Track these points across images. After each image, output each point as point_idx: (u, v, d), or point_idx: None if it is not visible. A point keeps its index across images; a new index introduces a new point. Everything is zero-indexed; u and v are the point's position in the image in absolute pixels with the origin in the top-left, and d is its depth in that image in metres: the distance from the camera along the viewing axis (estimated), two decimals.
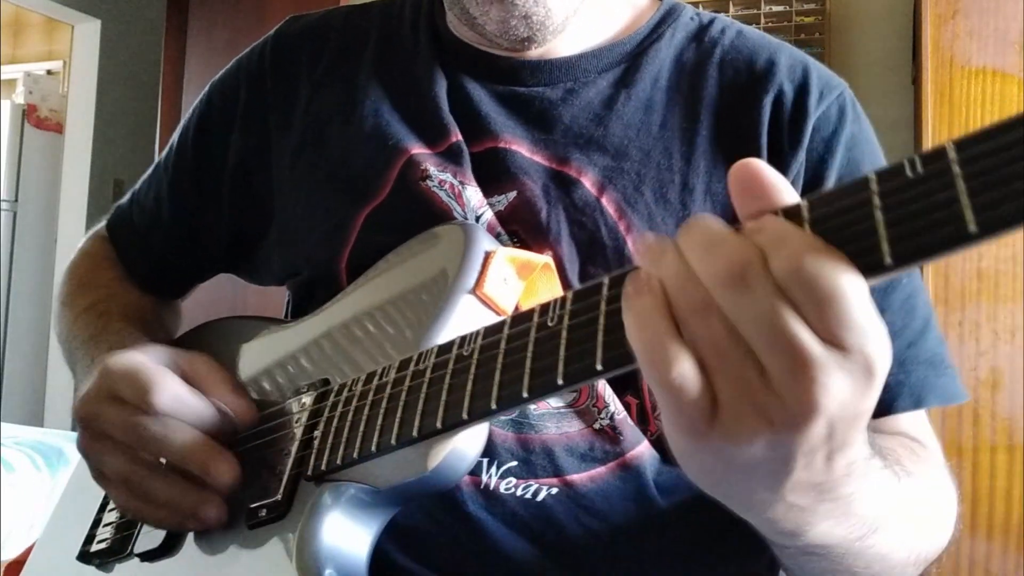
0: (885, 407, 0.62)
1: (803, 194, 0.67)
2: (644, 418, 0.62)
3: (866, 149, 0.67)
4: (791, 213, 0.34)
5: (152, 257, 0.84)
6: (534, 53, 0.68)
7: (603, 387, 0.61)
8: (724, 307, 0.33)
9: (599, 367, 0.38)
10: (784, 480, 0.36)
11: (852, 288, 0.31)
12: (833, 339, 0.32)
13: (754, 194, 0.35)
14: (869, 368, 0.33)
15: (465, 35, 0.71)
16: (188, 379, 0.60)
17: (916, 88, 2.24)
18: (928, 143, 2.02)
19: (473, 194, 0.65)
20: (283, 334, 0.68)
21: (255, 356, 0.69)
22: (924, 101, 2.01)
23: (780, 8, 2.51)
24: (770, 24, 2.50)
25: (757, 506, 0.40)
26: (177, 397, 0.56)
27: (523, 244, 0.64)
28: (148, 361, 0.59)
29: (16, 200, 4.39)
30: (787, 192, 0.35)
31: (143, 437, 0.56)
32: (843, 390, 0.33)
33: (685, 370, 0.33)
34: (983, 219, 0.28)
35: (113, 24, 4.10)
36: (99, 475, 0.60)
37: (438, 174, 0.66)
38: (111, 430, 0.57)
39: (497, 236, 0.63)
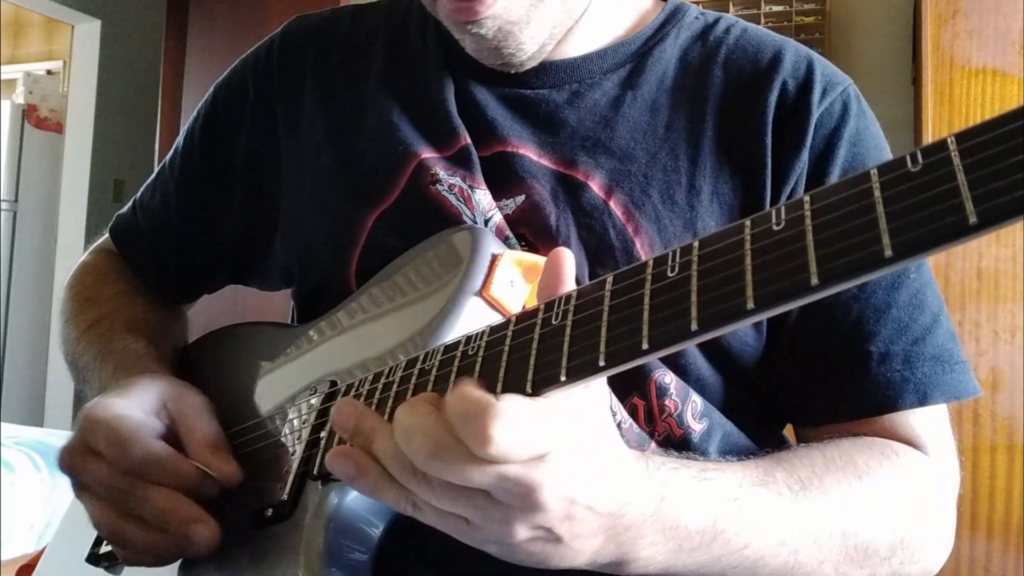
0: (890, 404, 0.61)
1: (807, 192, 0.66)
2: (651, 419, 0.62)
3: (871, 145, 0.66)
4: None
5: (161, 260, 0.83)
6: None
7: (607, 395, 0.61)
8: (432, 473, 0.41)
9: (602, 363, 0.38)
10: (568, 544, 0.44)
11: (514, 410, 0.39)
12: (518, 456, 0.39)
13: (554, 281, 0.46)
14: (566, 450, 0.41)
15: None
16: (174, 425, 0.60)
17: (916, 88, 2.24)
18: (928, 143, 2.03)
19: (482, 197, 0.65)
20: (293, 338, 0.68)
21: (265, 360, 0.69)
22: (924, 101, 2.01)
23: (780, 8, 2.52)
24: (770, 24, 2.50)
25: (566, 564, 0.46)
26: (151, 458, 0.56)
27: (532, 247, 0.64)
28: (130, 411, 0.58)
29: (16, 200, 4.39)
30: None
31: (120, 494, 0.56)
32: (555, 475, 0.40)
33: (423, 512, 0.44)
34: (983, 210, 0.28)
35: (113, 24, 4.10)
36: (91, 521, 0.60)
37: (448, 178, 0.65)
38: (91, 484, 0.58)
39: (506, 240, 0.63)
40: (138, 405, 0.59)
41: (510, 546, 0.44)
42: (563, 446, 0.41)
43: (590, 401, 0.44)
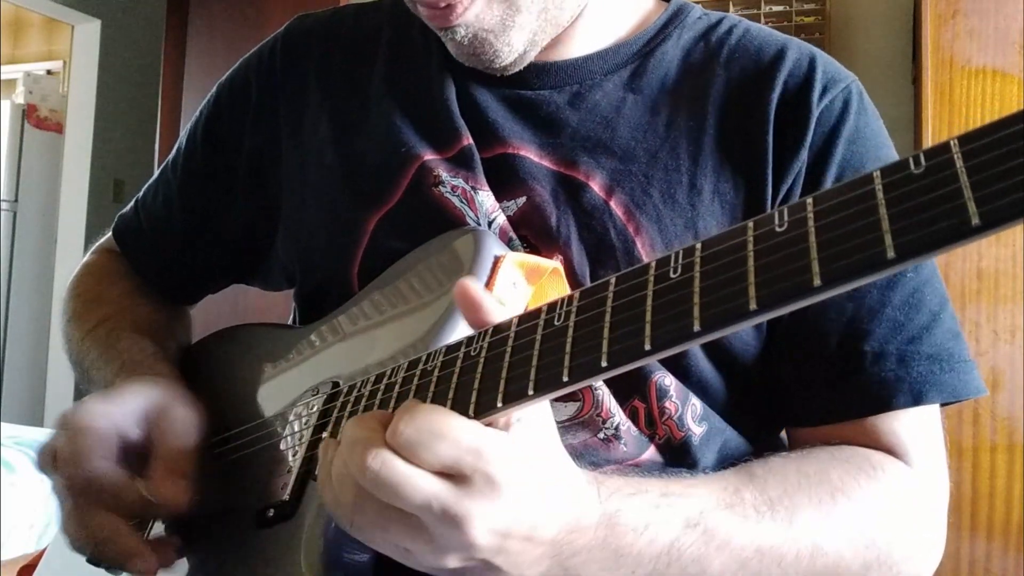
0: (883, 404, 0.61)
1: (804, 190, 0.66)
2: (652, 422, 0.62)
3: (870, 144, 0.66)
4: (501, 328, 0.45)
5: (163, 260, 0.83)
6: (540, 56, 0.68)
7: (607, 398, 0.61)
8: (369, 487, 0.41)
9: (604, 363, 0.38)
10: (508, 572, 0.44)
11: (443, 423, 0.41)
12: (451, 471, 0.41)
13: (472, 312, 0.46)
14: (491, 481, 0.41)
15: None
16: (150, 434, 0.60)
17: (916, 88, 2.24)
18: (928, 143, 2.02)
19: (485, 198, 0.65)
20: (295, 340, 0.68)
21: (268, 360, 0.69)
22: (924, 101, 2.01)
23: (780, 8, 2.52)
24: (770, 24, 2.48)
25: None
26: (97, 479, 0.56)
27: (533, 249, 0.64)
28: (100, 423, 0.58)
29: (16, 200, 4.39)
30: (492, 312, 0.46)
31: (75, 506, 0.57)
32: (483, 509, 0.41)
33: (364, 534, 0.44)
34: (986, 212, 0.28)
35: (113, 24, 4.10)
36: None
37: (450, 179, 0.65)
38: (55, 489, 0.59)
39: (508, 241, 0.63)
40: (120, 413, 0.59)
41: (446, 572, 0.44)
42: (492, 476, 0.41)
43: (534, 428, 0.44)
